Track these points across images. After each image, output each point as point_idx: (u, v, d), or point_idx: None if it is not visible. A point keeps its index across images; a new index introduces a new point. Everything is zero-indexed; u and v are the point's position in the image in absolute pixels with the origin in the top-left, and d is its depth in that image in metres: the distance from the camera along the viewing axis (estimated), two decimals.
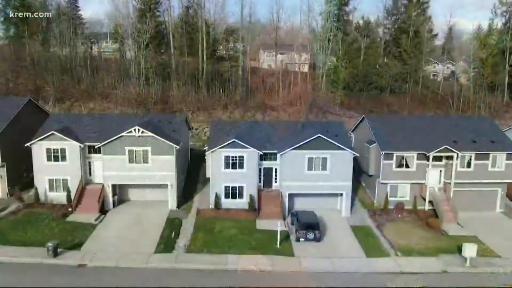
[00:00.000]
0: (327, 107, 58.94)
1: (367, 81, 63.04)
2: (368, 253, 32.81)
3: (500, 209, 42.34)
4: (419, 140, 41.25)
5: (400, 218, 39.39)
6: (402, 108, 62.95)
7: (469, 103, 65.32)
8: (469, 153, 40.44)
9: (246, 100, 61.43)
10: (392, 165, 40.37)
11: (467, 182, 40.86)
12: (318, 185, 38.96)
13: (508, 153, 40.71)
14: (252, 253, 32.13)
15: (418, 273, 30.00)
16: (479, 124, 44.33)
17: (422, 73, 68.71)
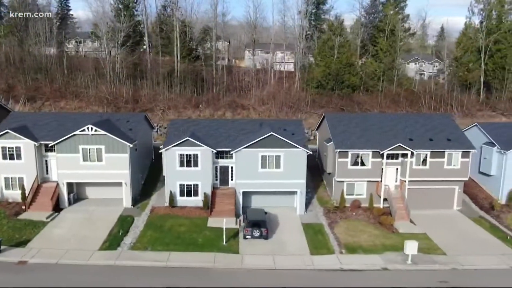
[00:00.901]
0: (298, 106, 59.08)
1: (338, 79, 63.08)
2: (313, 250, 32.92)
3: (457, 207, 42.40)
4: (376, 138, 41.35)
5: (355, 216, 39.50)
6: (374, 106, 62.99)
7: (442, 101, 65.27)
8: (424, 151, 40.51)
9: (218, 99, 61.57)
10: (348, 163, 40.49)
11: (423, 180, 41.07)
12: (272, 183, 39.10)
13: (463, 151, 40.81)
14: (196, 250, 32.37)
15: (358, 270, 30.27)
16: (439, 122, 44.34)
17: (397, 72, 68.56)
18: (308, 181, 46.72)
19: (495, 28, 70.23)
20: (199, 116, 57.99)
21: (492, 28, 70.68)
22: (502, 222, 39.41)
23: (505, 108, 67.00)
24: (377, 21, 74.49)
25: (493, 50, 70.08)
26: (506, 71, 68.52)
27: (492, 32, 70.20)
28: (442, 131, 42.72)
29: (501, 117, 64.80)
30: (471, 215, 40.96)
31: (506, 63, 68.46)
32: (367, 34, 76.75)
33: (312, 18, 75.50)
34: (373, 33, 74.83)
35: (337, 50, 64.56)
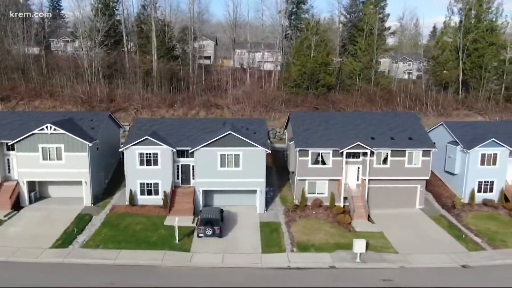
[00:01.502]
0: (272, 105, 59.23)
1: (314, 78, 63.12)
2: (265, 249, 33.03)
3: (419, 205, 42.46)
4: (338, 137, 41.41)
5: (315, 215, 39.58)
6: (349, 105, 63.05)
7: (417, 100, 65.27)
8: (385, 149, 40.60)
9: (193, 99, 61.71)
10: (308, 162, 40.60)
11: (385, 179, 41.19)
12: (232, 182, 39.23)
13: (424, 150, 40.88)
14: (147, 248, 32.54)
15: (305, 268, 30.38)
16: (403, 121, 44.39)
17: (374, 71, 68.53)
18: (275, 180, 47.19)
19: (474, 28, 70.16)
20: (172, 115, 58.19)
21: (471, 27, 70.62)
22: (461, 221, 39.44)
23: (482, 107, 66.97)
24: (357, 20, 74.48)
25: (470, 49, 70.04)
26: (483, 70, 68.47)
27: (470, 31, 70.14)
28: (405, 130, 42.77)
29: (477, 116, 64.82)
30: (432, 213, 41.00)
31: (483, 62, 68.43)
32: (347, 33, 76.81)
33: (292, 17, 75.53)
34: (353, 32, 74.89)
35: (314, 49, 64.61)
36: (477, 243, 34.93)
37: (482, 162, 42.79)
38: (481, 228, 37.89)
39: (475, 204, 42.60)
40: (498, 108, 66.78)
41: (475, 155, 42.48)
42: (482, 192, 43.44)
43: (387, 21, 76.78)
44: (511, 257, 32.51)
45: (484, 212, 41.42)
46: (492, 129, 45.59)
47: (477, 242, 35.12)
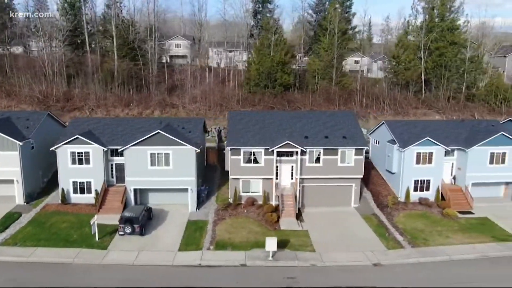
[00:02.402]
0: (228, 104, 59.47)
1: (271, 78, 63.25)
2: (183, 247, 33.26)
3: (355, 204, 42.65)
4: (272, 135, 41.56)
5: (246, 213, 39.75)
6: (306, 104, 63.19)
7: (375, 99, 65.29)
8: (317, 148, 40.76)
9: (150, 98, 61.97)
10: (240, 161, 40.80)
11: (319, 178, 41.38)
12: (162, 181, 39.45)
13: (356, 148, 41.03)
14: (65, 246, 32.81)
15: (214, 266, 30.60)
16: (340, 120, 44.51)
17: (335, 70, 68.55)
18: (217, 179, 47.48)
19: (436, 27, 70.09)
20: (127, 114, 58.50)
21: (434, 26, 70.56)
22: (391, 220, 39.57)
23: (442, 106, 66.93)
24: (321, 20, 74.57)
25: (432, 48, 70.00)
26: (443, 69, 68.38)
27: (432, 31, 70.08)
28: (341, 129, 42.92)
29: (435, 115, 64.82)
30: (365, 212, 41.13)
31: (444, 61, 68.38)
32: (314, 32, 76.90)
33: (258, 17, 75.72)
34: (317, 31, 74.98)
35: (273, 49, 64.77)
36: (398, 242, 35.09)
37: (417, 161, 42.93)
38: (408, 227, 38.03)
39: (410, 202, 42.75)
40: (457, 107, 66.76)
41: (410, 154, 42.62)
42: (418, 190, 43.63)
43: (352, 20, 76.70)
44: (426, 256, 32.69)
45: (418, 211, 41.53)
46: (431, 128, 45.78)
47: (398, 241, 35.28)
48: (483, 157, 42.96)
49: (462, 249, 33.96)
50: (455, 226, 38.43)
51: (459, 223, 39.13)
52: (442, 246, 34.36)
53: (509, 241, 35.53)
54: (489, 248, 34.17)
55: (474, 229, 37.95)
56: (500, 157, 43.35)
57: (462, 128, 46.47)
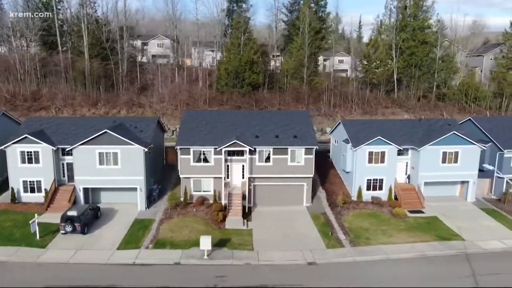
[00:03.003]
0: (195, 103, 59.66)
1: (239, 77, 63.33)
2: (122, 245, 33.40)
3: (307, 203, 42.72)
4: (222, 135, 41.60)
5: (195, 212, 39.85)
6: (274, 104, 63.34)
7: (343, 98, 65.30)
8: (267, 147, 40.81)
9: (118, 98, 62.13)
10: (190, 160, 40.93)
11: (270, 177, 41.46)
12: (111, 180, 39.57)
13: (306, 148, 41.09)
14: (5, 244, 32.95)
15: (148, 265, 30.72)
16: (294, 119, 44.60)
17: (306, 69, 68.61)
18: (173, 178, 47.50)
19: (408, 26, 70.05)
20: (93, 114, 58.66)
21: (406, 25, 70.54)
22: (339, 219, 39.62)
23: (412, 105, 66.95)
24: (294, 19, 74.66)
25: (403, 47, 69.99)
26: (413, 68, 68.39)
27: (404, 30, 70.08)
28: (293, 128, 42.97)
29: (403, 114, 64.81)
30: (316, 211, 41.15)
31: (415, 61, 68.36)
32: (288, 31, 76.94)
33: (233, 16, 75.79)
34: (291, 31, 75.05)
35: (242, 48, 64.87)
36: (340, 241, 35.20)
37: (370, 160, 43.00)
38: (354, 226, 38.10)
39: (362, 201, 42.83)
40: (428, 107, 66.77)
41: (362, 153, 42.69)
42: (371, 189, 43.71)
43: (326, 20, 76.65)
44: (363, 255, 32.77)
45: (368, 210, 41.55)
46: (386, 128, 45.77)
47: (340, 240, 35.38)
48: (435, 157, 43.00)
49: (402, 248, 34.03)
50: (401, 226, 38.48)
51: (407, 223, 39.18)
52: (383, 245, 34.43)
53: (452, 240, 35.64)
54: (429, 247, 34.25)
55: (420, 228, 38.01)
56: (453, 156, 43.39)
57: (419, 127, 46.47)
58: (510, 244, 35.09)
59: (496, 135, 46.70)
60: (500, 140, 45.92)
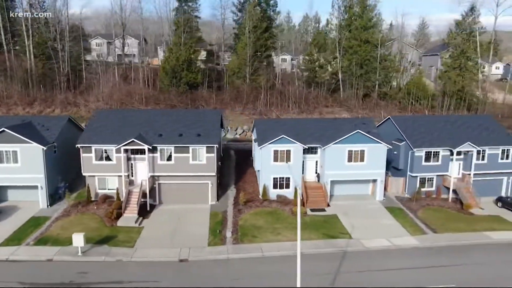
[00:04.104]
0: (130, 102, 60.15)
1: (177, 76, 63.68)
2: (6, 242, 33.71)
3: (212, 201, 43.04)
4: (126, 133, 41.67)
5: (95, 210, 40.16)
6: (211, 103, 63.69)
7: (281, 97, 65.46)
8: (168, 146, 41.16)
9: (55, 97, 62.58)
10: (92, 158, 41.31)
11: (172, 175, 41.79)
12: (11, 178, 40.02)
13: (207, 146, 41.37)
14: None
15: (21, 261, 31.08)
16: (205, 118, 45.03)
17: (249, 68, 68.86)
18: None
19: (353, 25, 70.19)
20: (27, 113, 59.17)
21: (351, 24, 70.66)
22: (237, 217, 39.91)
23: (353, 104, 67.10)
24: (242, 18, 75.02)
25: (345, 47, 70.11)
26: (356, 67, 68.50)
27: (349, 29, 70.21)
28: (199, 127, 43.36)
29: (342, 113, 64.95)
30: (218, 209, 41.48)
31: (357, 60, 68.47)
32: (237, 30, 77.23)
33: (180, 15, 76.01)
34: (239, 30, 75.37)
35: (183, 47, 65.20)
36: (224, 238, 35.51)
37: (275, 159, 43.26)
38: (248, 224, 38.37)
39: (267, 200, 43.08)
40: (369, 106, 66.93)
41: (268, 151, 42.95)
42: (278, 188, 44.00)
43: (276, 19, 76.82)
44: (239, 252, 33.01)
45: (269, 208, 41.79)
46: (299, 126, 46.14)
47: (226, 238, 35.72)
48: (340, 155, 43.22)
49: (282, 246, 34.33)
50: (295, 224, 38.54)
51: (303, 221, 39.23)
52: (265, 243, 34.71)
53: (338, 238, 35.92)
54: (310, 245, 34.56)
55: (315, 226, 38.26)
56: (359, 155, 43.61)
57: (332, 126, 46.67)
58: (396, 243, 35.41)
59: (410, 134, 46.89)
60: (412, 139, 46.10)
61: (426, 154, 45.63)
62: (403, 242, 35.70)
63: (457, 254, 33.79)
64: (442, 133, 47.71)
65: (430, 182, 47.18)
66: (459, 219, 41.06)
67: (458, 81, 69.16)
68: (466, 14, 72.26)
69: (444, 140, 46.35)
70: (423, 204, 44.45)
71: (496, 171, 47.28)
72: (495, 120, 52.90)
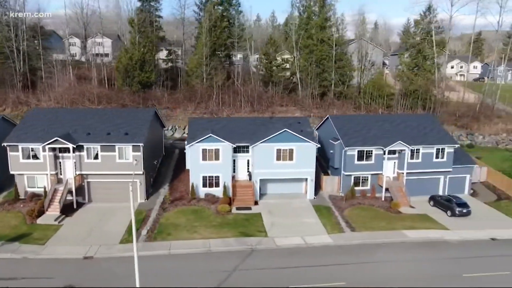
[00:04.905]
0: (80, 101, 60.66)
1: (129, 75, 64.03)
2: None
3: (141, 200, 43.38)
4: (55, 132, 41.88)
5: (21, 208, 40.48)
6: (163, 103, 64.16)
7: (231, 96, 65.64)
8: (94, 145, 41.41)
9: (8, 96, 63.01)
10: (19, 157, 41.61)
11: (100, 173, 42.11)
12: None
13: (133, 145, 41.66)
14: None
15: None
16: (136, 116, 45.47)
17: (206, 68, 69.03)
18: None
19: (310, 25, 70.38)
20: None
21: (308, 24, 70.85)
22: (160, 215, 40.24)
23: (308, 103, 67.31)
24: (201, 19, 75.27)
25: (301, 46, 70.32)
26: (312, 67, 68.69)
27: (306, 28, 70.43)
28: (129, 126, 43.70)
29: (294, 112, 65.23)
30: (145, 207, 41.82)
31: (312, 59, 68.65)
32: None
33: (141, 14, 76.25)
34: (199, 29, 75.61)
35: (137, 46, 65.56)
36: (140, 236, 35.73)
37: (204, 157, 43.53)
38: (168, 222, 38.75)
39: (194, 198, 43.40)
40: (322, 105, 67.20)
41: (196, 150, 43.24)
42: (208, 186, 44.28)
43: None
44: (147, 250, 33.23)
45: (195, 207, 42.10)
46: (232, 125, 46.46)
47: (142, 235, 35.96)
48: (269, 154, 43.50)
49: (192, 244, 34.63)
50: (216, 222, 38.96)
51: (225, 219, 39.65)
52: (176, 241, 35.05)
53: (253, 236, 36.19)
54: (221, 243, 34.85)
55: (234, 224, 38.54)
56: (287, 154, 43.85)
57: (267, 126, 46.88)
58: (309, 241, 35.68)
59: (344, 133, 47.13)
60: (345, 138, 46.32)
61: (358, 153, 45.86)
62: (317, 240, 35.98)
63: (365, 252, 34.05)
64: (378, 132, 47.92)
65: (365, 181, 47.46)
66: (384, 218, 41.31)
67: (415, 80, 69.30)
68: (424, 14, 72.54)
69: (377, 139, 46.56)
70: (354, 203, 44.72)
71: (431, 170, 47.58)
72: (436, 119, 53.10)
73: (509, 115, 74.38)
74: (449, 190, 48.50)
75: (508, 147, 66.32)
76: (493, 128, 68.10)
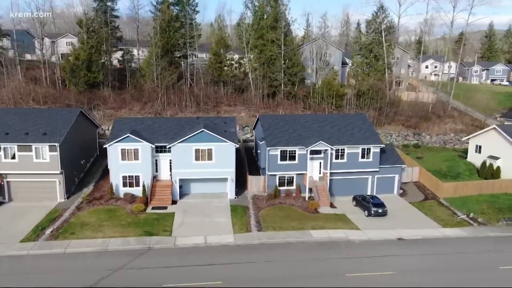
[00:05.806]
0: (25, 101, 61.12)
1: (75, 75, 64.35)
2: None
3: (61, 199, 43.74)
4: None
5: None
6: (109, 102, 64.49)
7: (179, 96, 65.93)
8: (11, 144, 41.82)
9: None
10: None
11: (19, 173, 42.53)
12: None
13: (50, 145, 42.01)
14: None
15: None
16: (59, 117, 45.74)
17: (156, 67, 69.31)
18: None
19: (260, 25, 70.57)
20: None
21: (260, 24, 71.03)
22: (74, 214, 40.48)
23: (255, 103, 67.56)
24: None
25: (251, 46, 70.53)
26: (260, 67, 68.89)
27: (258, 28, 70.62)
28: (50, 125, 44.03)
29: (241, 111, 65.48)
30: (62, 207, 42.07)
31: (262, 59, 68.87)
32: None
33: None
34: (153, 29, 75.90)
35: (85, 46, 65.92)
36: (42, 235, 36.11)
37: (123, 157, 43.88)
38: (79, 221, 38.99)
39: (113, 197, 43.75)
40: (269, 105, 67.44)
41: (115, 150, 43.58)
42: (128, 186, 44.62)
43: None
44: (44, 248, 33.61)
45: (111, 206, 42.43)
46: (156, 125, 46.86)
47: (44, 234, 36.32)
48: (187, 154, 43.81)
49: (91, 243, 34.83)
50: (126, 221, 39.33)
51: (137, 218, 39.97)
52: (76, 240, 35.32)
53: (156, 236, 36.53)
54: (120, 242, 35.22)
55: (144, 223, 38.85)
56: (206, 153, 44.13)
57: (191, 125, 47.06)
58: (210, 241, 35.98)
59: (270, 133, 47.37)
60: (269, 138, 46.56)
61: (281, 153, 46.12)
62: (218, 240, 36.29)
63: (259, 252, 34.33)
64: (305, 132, 48.13)
65: (291, 181, 47.67)
66: (297, 218, 41.53)
67: (367, 80, 69.42)
68: (375, 14, 72.61)
69: (301, 139, 46.79)
70: (276, 202, 45.01)
71: (358, 170, 47.78)
72: (367, 119, 53.20)
73: (461, 115, 74.42)
74: (378, 190, 48.80)
75: (456, 147, 66.38)
76: (442, 128, 68.13)
